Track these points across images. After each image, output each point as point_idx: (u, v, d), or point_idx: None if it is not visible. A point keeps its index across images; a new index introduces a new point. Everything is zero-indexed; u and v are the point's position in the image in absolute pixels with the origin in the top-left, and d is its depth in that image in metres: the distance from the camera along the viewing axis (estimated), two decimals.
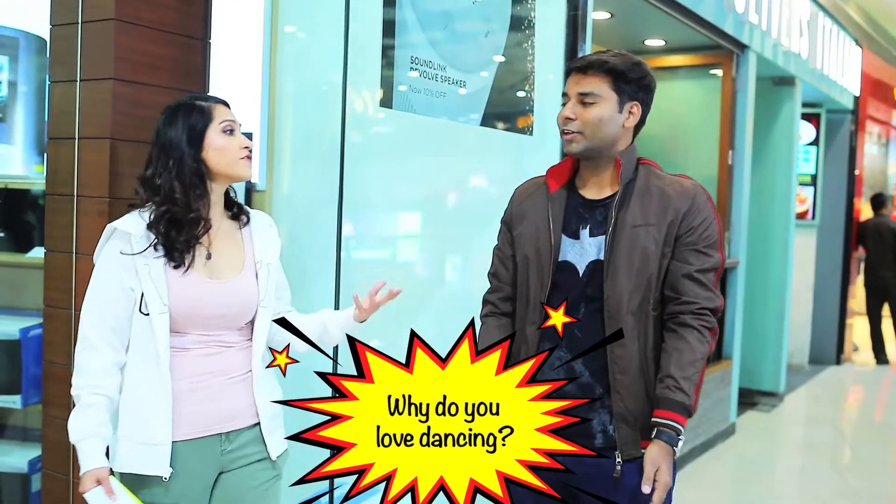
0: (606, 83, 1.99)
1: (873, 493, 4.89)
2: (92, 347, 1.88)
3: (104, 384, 1.88)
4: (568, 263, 2.03)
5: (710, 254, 1.98)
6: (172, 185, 1.91)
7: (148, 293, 1.89)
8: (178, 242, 1.91)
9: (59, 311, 2.39)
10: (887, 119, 11.31)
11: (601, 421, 2.01)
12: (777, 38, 6.19)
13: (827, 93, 7.75)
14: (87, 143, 2.32)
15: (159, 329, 1.89)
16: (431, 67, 2.69)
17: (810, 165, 8.46)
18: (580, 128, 2.00)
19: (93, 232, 2.31)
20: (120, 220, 1.92)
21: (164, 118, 1.97)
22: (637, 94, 2.02)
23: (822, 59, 7.40)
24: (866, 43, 8.89)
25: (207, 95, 2.07)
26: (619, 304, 1.96)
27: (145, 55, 2.35)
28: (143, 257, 1.89)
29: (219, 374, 1.98)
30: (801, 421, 6.86)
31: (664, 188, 2.01)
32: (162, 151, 1.94)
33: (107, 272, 1.91)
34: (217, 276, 1.98)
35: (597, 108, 1.99)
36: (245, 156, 1.99)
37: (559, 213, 2.05)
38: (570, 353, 2.01)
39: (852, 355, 9.26)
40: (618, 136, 2.02)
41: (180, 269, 1.92)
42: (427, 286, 3.81)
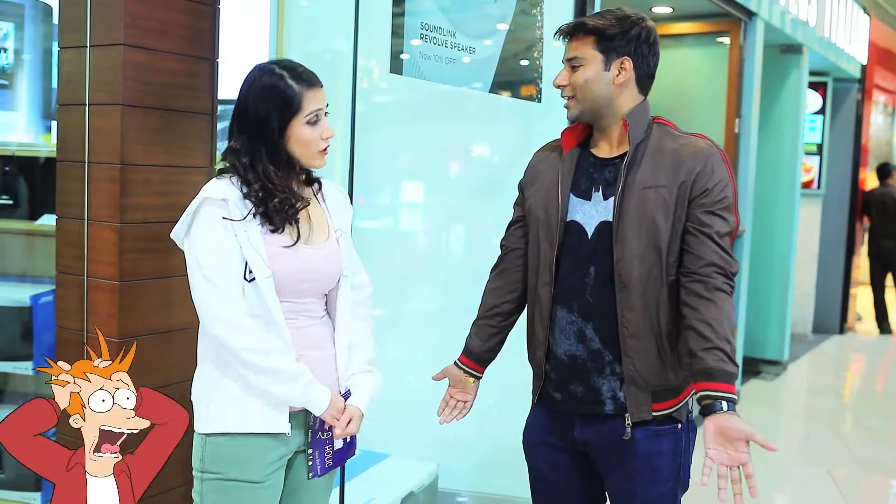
0: (589, 44, 1.98)
1: (875, 461, 4.93)
2: (233, 306, 1.85)
3: (271, 338, 1.88)
4: (576, 224, 2.02)
5: (725, 217, 1.94)
6: (267, 168, 1.90)
7: (251, 258, 1.86)
8: (278, 213, 1.90)
9: (72, 278, 2.40)
10: (894, 88, 11.25)
11: (611, 387, 2.00)
12: (785, 5, 6.14)
13: (834, 61, 7.71)
14: (97, 110, 2.32)
15: (268, 293, 1.87)
16: (441, 34, 2.68)
17: (816, 134, 8.43)
18: (572, 92, 2.01)
19: (104, 198, 2.32)
20: (210, 188, 1.90)
21: (253, 92, 1.91)
22: (624, 48, 1.98)
23: (830, 27, 7.35)
24: (874, 11, 8.82)
25: (301, 74, 1.93)
26: (630, 266, 1.94)
27: (155, 21, 2.34)
28: (243, 224, 1.87)
29: (313, 348, 1.98)
30: (804, 389, 6.90)
31: (677, 148, 1.97)
32: (249, 132, 1.91)
33: (210, 243, 1.87)
34: (310, 242, 1.98)
35: (581, 71, 1.99)
36: (324, 148, 1.96)
37: (569, 173, 2.04)
38: (580, 316, 2.01)
39: (856, 325, 9.29)
40: (611, 95, 1.99)
41: (277, 234, 1.90)
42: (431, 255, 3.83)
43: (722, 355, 1.86)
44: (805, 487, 4.49)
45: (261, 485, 1.92)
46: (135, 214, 2.32)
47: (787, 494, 4.51)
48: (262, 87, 1.90)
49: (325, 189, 2.09)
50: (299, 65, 1.97)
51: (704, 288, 1.91)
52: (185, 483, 2.45)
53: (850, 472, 4.71)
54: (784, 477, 4.65)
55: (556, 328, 2.04)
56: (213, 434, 1.93)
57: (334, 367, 2.04)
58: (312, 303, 2.01)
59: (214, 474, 1.92)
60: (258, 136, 1.90)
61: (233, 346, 1.85)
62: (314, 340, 2.00)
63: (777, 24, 6.04)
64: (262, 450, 1.92)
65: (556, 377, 2.06)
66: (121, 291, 2.31)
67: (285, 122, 1.90)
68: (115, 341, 2.32)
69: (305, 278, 1.96)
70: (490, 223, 3.72)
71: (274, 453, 1.94)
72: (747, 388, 6.32)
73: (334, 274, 2.03)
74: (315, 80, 1.95)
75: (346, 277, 2.06)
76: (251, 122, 1.91)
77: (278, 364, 1.87)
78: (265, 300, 1.88)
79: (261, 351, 1.85)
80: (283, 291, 1.92)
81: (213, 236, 1.87)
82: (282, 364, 1.87)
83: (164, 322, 2.41)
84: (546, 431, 2.13)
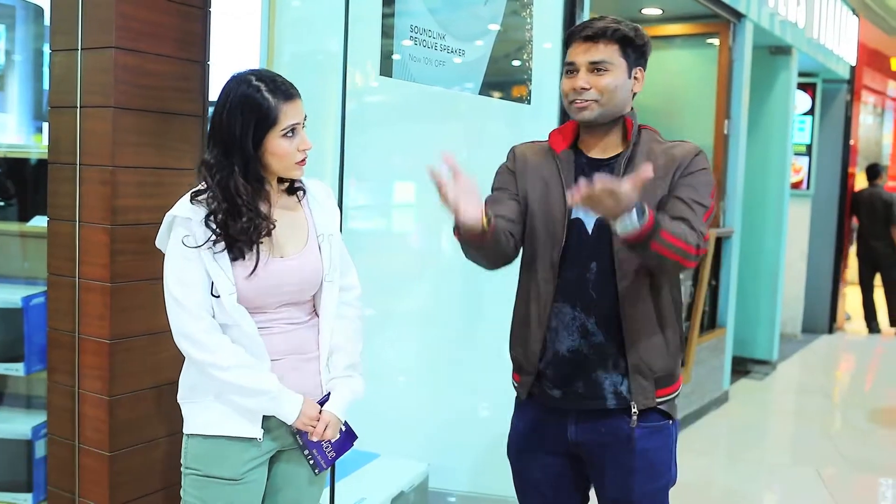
0: (616, 50, 2.01)
1: (863, 459, 4.97)
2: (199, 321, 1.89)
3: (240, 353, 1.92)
4: (578, 221, 2.05)
5: (702, 192, 1.99)
6: (237, 183, 1.89)
7: (216, 277, 1.90)
8: (240, 239, 1.90)
9: (64, 279, 2.41)
10: (883, 89, 11.31)
11: (613, 382, 2.03)
12: (774, 7, 6.18)
13: (823, 62, 7.75)
14: (89, 112, 2.33)
15: (232, 308, 1.91)
16: (431, 36, 2.69)
17: (805, 135, 8.47)
18: (595, 96, 2.01)
19: (96, 200, 2.34)
20: (178, 208, 1.92)
21: (229, 106, 1.89)
22: (640, 59, 2.06)
23: (819, 29, 7.39)
24: (863, 12, 8.86)
25: (278, 86, 1.91)
26: (630, 259, 1.98)
27: (146, 23, 2.35)
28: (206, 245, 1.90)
29: (293, 353, 2.01)
30: (793, 389, 6.94)
31: (668, 148, 2.05)
32: (225, 144, 1.90)
33: (180, 257, 1.90)
34: (281, 254, 1.98)
35: (609, 76, 2.01)
36: (301, 160, 1.95)
37: (570, 172, 2.06)
38: (583, 312, 2.03)
39: (845, 324, 9.34)
40: (626, 102, 2.06)
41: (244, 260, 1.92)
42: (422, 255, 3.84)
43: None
44: (794, 487, 4.52)
45: (238, 482, 1.97)
46: (126, 216, 2.34)
47: (777, 493, 4.54)
48: (238, 98, 1.88)
49: (311, 192, 2.09)
50: (277, 75, 1.95)
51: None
52: (167, 486, 2.47)
53: (839, 472, 4.74)
54: (773, 476, 4.68)
55: (559, 325, 2.06)
56: (192, 435, 1.99)
57: (318, 370, 2.05)
58: (291, 310, 2.03)
59: (194, 470, 1.98)
60: (233, 149, 1.89)
61: (197, 361, 1.92)
62: (295, 345, 2.02)
63: (766, 26, 6.07)
64: (237, 450, 1.97)
65: (555, 374, 2.07)
66: (112, 293, 2.32)
67: (260, 135, 1.89)
68: (106, 342, 2.34)
69: (278, 292, 1.98)
70: None
71: (251, 451, 1.98)
72: (737, 388, 6.35)
73: (313, 281, 2.04)
74: (293, 92, 1.92)
75: (329, 282, 2.06)
76: (226, 135, 1.89)
77: (241, 380, 1.90)
78: (233, 315, 1.92)
79: (222, 367, 1.89)
80: (254, 306, 1.95)
81: (176, 255, 1.91)
82: (244, 380, 1.90)
83: (156, 324, 2.42)
84: (535, 436, 2.14)
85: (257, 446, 1.98)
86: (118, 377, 2.36)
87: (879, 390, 7.09)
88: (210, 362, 1.89)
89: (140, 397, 2.42)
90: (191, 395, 2.01)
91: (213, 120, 1.94)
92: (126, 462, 2.40)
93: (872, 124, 11.81)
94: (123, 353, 2.36)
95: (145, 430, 2.44)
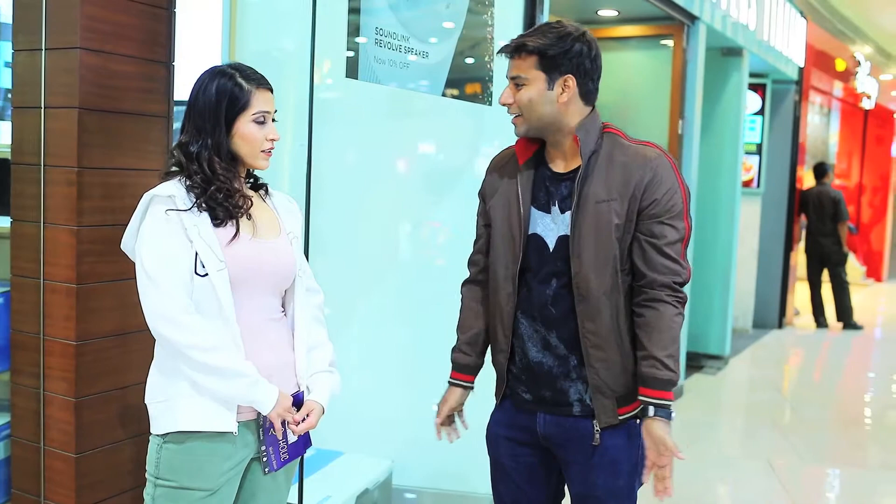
0: (532, 64, 1.98)
1: (812, 450, 5.12)
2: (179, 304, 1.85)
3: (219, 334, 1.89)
4: (537, 237, 2.06)
5: (675, 225, 1.98)
6: (212, 160, 1.94)
7: (202, 252, 1.88)
8: (222, 206, 1.93)
9: (28, 281, 2.39)
10: (829, 89, 11.59)
11: (577, 390, 2.05)
12: (726, 9, 6.31)
13: (773, 63, 7.92)
14: (53, 113, 2.32)
15: (221, 286, 1.88)
16: (395, 38, 2.72)
17: (756, 134, 8.65)
18: (518, 111, 2.02)
19: (61, 201, 2.33)
20: (157, 188, 1.92)
21: (204, 89, 1.95)
22: (567, 66, 1.98)
23: (769, 31, 7.55)
24: (811, 15, 9.08)
25: (251, 74, 1.99)
26: (587, 280, 1.98)
27: (111, 24, 2.34)
28: (191, 216, 1.89)
29: (268, 351, 2.00)
30: (745, 383, 7.09)
31: (626, 161, 1.99)
32: (198, 125, 1.95)
33: (157, 237, 1.88)
34: (261, 237, 2.00)
35: (525, 91, 2.00)
36: (268, 149, 2.00)
37: (528, 186, 2.08)
38: (543, 326, 2.05)
39: (794, 319, 9.56)
40: (556, 113, 2.00)
41: (226, 226, 1.93)
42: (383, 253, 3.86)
43: (655, 363, 1.96)
44: (747, 478, 4.63)
45: (213, 493, 1.94)
46: (92, 217, 2.33)
47: (730, 485, 4.65)
48: (214, 85, 1.95)
49: (274, 197, 2.13)
50: (250, 67, 2.02)
51: (648, 298, 1.99)
52: (135, 487, 2.46)
53: (790, 463, 4.87)
54: (726, 468, 4.80)
55: (523, 336, 2.09)
56: (166, 435, 1.93)
57: (293, 372, 2.05)
58: (269, 300, 2.02)
59: (168, 482, 1.93)
60: (206, 130, 1.94)
61: (176, 343, 1.86)
62: (270, 343, 2.01)
63: (719, 28, 6.20)
64: (214, 456, 1.93)
65: (527, 379, 2.11)
66: (78, 294, 2.32)
67: (232, 117, 1.95)
68: (72, 344, 2.33)
69: (261, 270, 1.98)
70: (442, 222, 3.77)
71: (228, 462, 1.95)
72: (690, 383, 6.48)
73: (289, 271, 2.05)
74: (264, 82, 2.00)
75: (300, 278, 2.08)
76: (200, 117, 1.95)
77: (221, 361, 1.87)
78: (217, 294, 1.88)
79: (203, 348, 1.86)
80: (238, 284, 1.93)
81: (157, 232, 1.89)
82: (225, 362, 1.87)
83: (122, 324, 2.42)
84: (509, 426, 2.17)
85: (236, 450, 1.95)
86: (84, 378, 2.35)
87: (827, 383, 7.29)
88: (191, 343, 1.85)
89: (107, 399, 2.42)
90: (162, 392, 1.95)
91: (189, 107, 1.98)
92: (93, 464, 2.39)
93: (819, 124, 12.11)
94: (90, 354, 2.36)
95: (112, 431, 2.44)
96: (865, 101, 12.69)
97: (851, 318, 9.31)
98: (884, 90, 13.40)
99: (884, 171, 14.79)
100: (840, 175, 13.47)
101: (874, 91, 12.73)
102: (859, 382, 7.41)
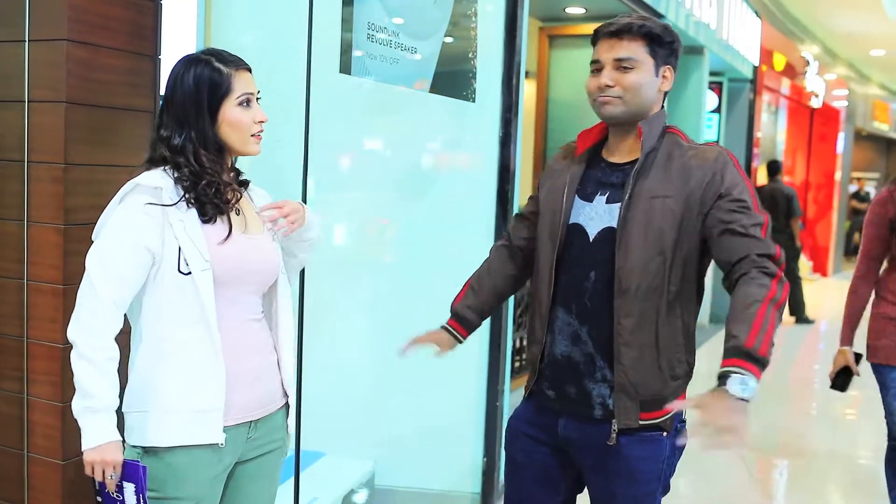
0: (643, 47, 1.95)
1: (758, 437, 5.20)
2: (101, 303, 1.74)
3: (115, 352, 1.76)
4: (578, 226, 2.02)
5: (749, 213, 1.88)
6: (199, 152, 1.84)
7: (186, 249, 1.79)
8: (211, 202, 1.83)
9: (11, 282, 2.30)
10: (777, 87, 11.82)
11: (600, 393, 2.00)
12: (689, 8, 6.37)
13: (730, 62, 8.04)
14: (38, 107, 2.23)
15: (204, 288, 1.79)
16: (386, 34, 2.68)
17: (713, 132, 8.78)
18: (620, 93, 1.96)
19: (46, 199, 2.24)
20: (142, 177, 1.82)
21: (180, 79, 1.85)
22: (669, 57, 1.99)
23: (727, 30, 7.66)
24: (765, 15, 9.24)
25: (227, 57, 1.89)
26: (632, 275, 1.93)
27: (98, 16, 2.26)
28: (177, 211, 1.80)
29: (254, 354, 1.93)
30: (704, 377, 7.14)
31: (686, 160, 1.95)
32: (179, 117, 1.85)
33: (122, 227, 1.79)
34: (247, 232, 1.93)
35: (635, 73, 1.95)
36: (258, 132, 1.90)
37: (577, 175, 2.05)
38: (577, 319, 2.01)
39: None
40: (654, 101, 1.99)
41: (214, 223, 1.84)
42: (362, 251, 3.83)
43: (728, 335, 1.82)
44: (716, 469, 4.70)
45: (200, 501, 1.86)
46: (78, 215, 2.25)
47: (697, 474, 4.71)
48: (191, 74, 1.85)
49: (255, 192, 2.06)
50: (224, 50, 1.92)
51: (732, 281, 1.90)
52: None
53: (754, 453, 4.97)
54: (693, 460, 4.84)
55: (555, 328, 2.05)
56: (149, 448, 1.83)
57: (277, 373, 2.00)
58: (252, 300, 1.95)
59: (151, 492, 1.81)
60: (188, 122, 1.85)
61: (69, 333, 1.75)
62: (256, 346, 1.94)
63: (682, 27, 6.26)
64: (199, 465, 1.84)
65: (552, 375, 2.07)
66: (65, 295, 2.23)
67: (216, 105, 1.85)
68: (58, 347, 2.25)
69: (249, 269, 1.91)
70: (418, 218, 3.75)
71: (212, 470, 1.86)
72: None
73: (274, 268, 1.98)
74: (242, 64, 1.91)
75: (283, 274, 2.02)
76: (181, 110, 1.85)
77: (84, 375, 1.73)
78: (200, 296, 1.79)
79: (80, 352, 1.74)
80: (223, 284, 1.84)
81: (122, 224, 1.78)
82: (86, 376, 1.73)
83: None
84: (530, 423, 2.14)
85: (221, 459, 1.87)
86: (71, 382, 2.24)
87: (782, 375, 7.43)
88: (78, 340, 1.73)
89: None
90: (139, 402, 1.83)
91: (166, 99, 1.88)
92: (80, 470, 2.30)
93: (768, 122, 12.33)
94: None
95: None
96: (814, 100, 12.96)
97: (804, 312, 9.50)
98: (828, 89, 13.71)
99: (828, 168, 15.13)
100: (787, 172, 13.72)
101: (822, 90, 13.02)
102: (807, 375, 7.60)
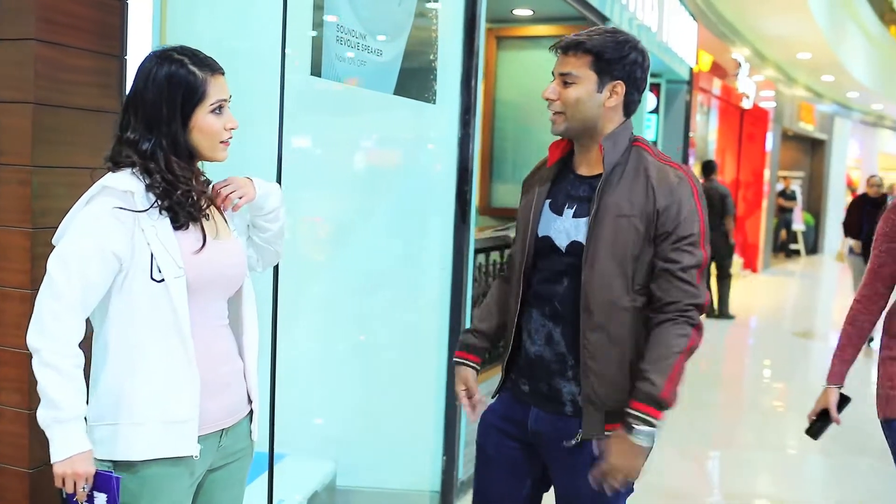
0: (585, 63, 1.97)
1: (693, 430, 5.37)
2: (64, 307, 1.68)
3: (81, 359, 1.70)
4: (549, 239, 2.06)
5: (692, 252, 1.95)
6: (169, 159, 1.77)
7: (159, 256, 1.73)
8: (185, 210, 1.78)
9: None
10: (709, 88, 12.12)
11: (571, 391, 2.05)
12: (633, 11, 6.49)
13: (668, 64, 8.21)
14: (5, 108, 2.18)
15: (177, 295, 1.74)
16: (354, 36, 2.68)
17: (651, 132, 8.96)
18: (561, 108, 2.01)
19: (14, 201, 2.20)
20: (110, 178, 1.75)
21: (152, 79, 1.76)
22: (619, 72, 1.98)
23: (666, 32, 7.82)
24: (701, 18, 9.46)
25: (203, 59, 1.80)
26: (596, 290, 1.97)
27: (66, 15, 2.22)
28: (149, 217, 1.74)
29: (224, 363, 1.89)
30: None
31: (651, 180, 1.97)
32: (148, 120, 1.77)
33: (87, 229, 1.71)
34: (219, 237, 1.89)
35: (574, 89, 1.99)
36: (227, 139, 1.84)
37: (545, 188, 2.09)
38: (551, 320, 2.06)
39: None
40: (598, 117, 2.00)
41: (187, 230, 1.79)
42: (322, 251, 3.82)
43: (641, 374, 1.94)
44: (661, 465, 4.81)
45: None
46: (46, 218, 2.20)
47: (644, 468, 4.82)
48: (163, 74, 1.76)
49: None
50: (199, 51, 1.84)
51: (658, 321, 1.97)
52: None
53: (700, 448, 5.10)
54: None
55: (531, 329, 2.10)
56: (119, 462, 1.76)
57: (243, 379, 1.96)
58: (220, 306, 1.92)
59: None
60: (158, 126, 1.76)
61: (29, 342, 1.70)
62: (226, 352, 1.91)
63: (626, 29, 6.37)
64: (173, 477, 1.80)
65: (527, 371, 2.12)
66: (33, 300, 2.14)
67: (189, 111, 1.77)
68: (25, 353, 2.18)
69: (221, 274, 1.87)
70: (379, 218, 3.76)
71: (186, 480, 1.83)
72: None
73: (242, 272, 1.95)
74: (217, 67, 1.83)
75: (248, 279, 2.00)
76: (151, 110, 1.76)
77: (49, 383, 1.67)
78: (173, 304, 1.74)
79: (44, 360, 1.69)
80: (195, 291, 1.79)
81: (86, 227, 1.71)
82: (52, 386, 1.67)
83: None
84: (502, 418, 2.18)
85: (192, 471, 1.83)
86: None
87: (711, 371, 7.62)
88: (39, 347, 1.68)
89: None
90: (107, 415, 1.75)
91: (133, 100, 1.79)
92: (48, 479, 2.25)
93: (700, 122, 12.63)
94: None
95: None
96: (745, 101, 13.32)
97: (727, 307, 9.82)
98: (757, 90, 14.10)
99: (757, 167, 15.57)
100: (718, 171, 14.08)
101: (752, 91, 13.38)
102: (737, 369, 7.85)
